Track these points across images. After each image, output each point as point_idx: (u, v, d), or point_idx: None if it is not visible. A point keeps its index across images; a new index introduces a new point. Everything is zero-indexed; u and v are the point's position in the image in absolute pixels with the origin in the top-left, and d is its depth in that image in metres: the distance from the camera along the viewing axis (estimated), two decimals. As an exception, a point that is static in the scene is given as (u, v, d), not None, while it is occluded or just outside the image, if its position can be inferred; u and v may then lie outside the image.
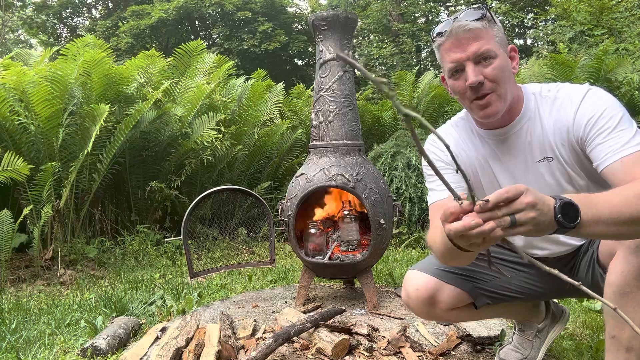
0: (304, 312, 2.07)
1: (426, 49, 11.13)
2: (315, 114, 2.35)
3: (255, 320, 2.09)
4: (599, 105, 1.20)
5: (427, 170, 1.39)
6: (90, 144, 3.35)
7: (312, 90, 5.64)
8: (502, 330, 1.89)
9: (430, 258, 1.49)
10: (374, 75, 0.63)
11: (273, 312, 2.26)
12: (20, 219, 3.13)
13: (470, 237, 0.91)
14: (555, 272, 0.81)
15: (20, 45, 15.29)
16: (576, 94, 1.23)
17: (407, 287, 1.45)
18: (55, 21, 15.98)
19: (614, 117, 1.17)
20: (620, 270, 1.11)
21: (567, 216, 0.94)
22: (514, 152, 1.31)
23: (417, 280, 1.43)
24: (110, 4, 16.40)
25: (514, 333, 1.71)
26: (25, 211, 3.13)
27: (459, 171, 0.82)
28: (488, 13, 1.22)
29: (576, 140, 1.22)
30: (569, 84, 1.29)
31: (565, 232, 0.96)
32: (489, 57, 1.19)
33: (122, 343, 1.92)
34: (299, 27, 14.63)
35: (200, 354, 1.65)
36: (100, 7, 16.85)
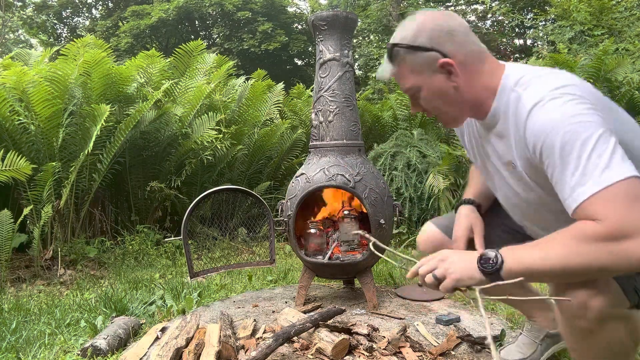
0: (304, 312, 2.07)
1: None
2: (315, 114, 2.35)
3: (255, 320, 2.09)
4: (540, 131, 1.03)
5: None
6: (91, 144, 3.35)
7: (312, 90, 5.64)
8: (502, 330, 1.89)
9: (451, 214, 1.56)
10: None
11: (273, 312, 2.26)
12: (20, 219, 3.14)
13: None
14: None
15: (21, 45, 15.28)
16: (528, 102, 1.08)
17: (418, 236, 1.61)
18: (55, 21, 15.98)
19: (555, 153, 1.01)
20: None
21: (486, 266, 1.06)
22: (490, 148, 1.26)
23: (427, 231, 1.58)
24: (110, 4, 16.40)
25: (521, 333, 1.71)
26: (26, 211, 3.13)
27: None
28: (393, 51, 1.19)
29: (531, 157, 1.10)
30: (543, 78, 1.11)
31: (494, 279, 1.05)
32: (414, 93, 1.22)
33: (122, 343, 1.92)
34: (299, 27, 14.62)
35: (200, 354, 1.65)
36: (100, 7, 16.85)
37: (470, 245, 1.41)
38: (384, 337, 1.80)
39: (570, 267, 0.97)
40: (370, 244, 1.41)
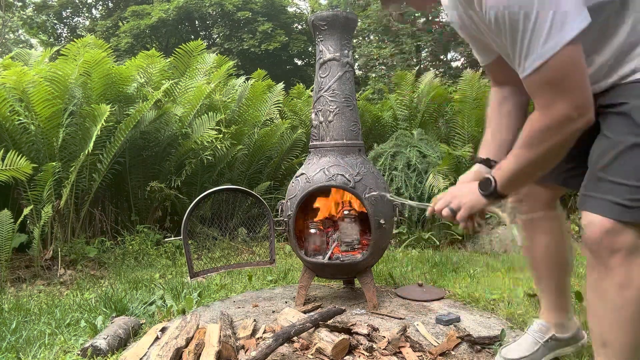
0: (304, 312, 2.07)
1: (426, 49, 11.14)
2: (315, 114, 2.35)
3: (255, 320, 2.09)
4: (491, 5, 1.09)
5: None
6: (91, 144, 3.35)
7: (312, 90, 5.64)
8: (502, 330, 1.89)
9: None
10: None
11: (273, 312, 2.26)
12: (20, 219, 3.14)
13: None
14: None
15: (21, 45, 15.29)
16: None
17: None
18: (55, 21, 15.98)
19: (508, 22, 1.07)
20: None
21: (484, 188, 1.26)
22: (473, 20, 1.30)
23: None
24: (110, 4, 16.40)
25: (525, 333, 1.71)
26: (26, 211, 3.13)
27: None
28: None
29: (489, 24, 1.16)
30: None
31: (494, 196, 1.26)
32: None
33: (122, 343, 1.92)
34: (299, 27, 14.62)
35: (200, 354, 1.65)
36: (100, 7, 16.85)
37: None
38: (384, 337, 1.80)
39: (536, 156, 1.16)
40: (388, 195, 1.61)
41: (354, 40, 11.44)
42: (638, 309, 1.17)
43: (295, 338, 1.77)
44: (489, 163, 1.43)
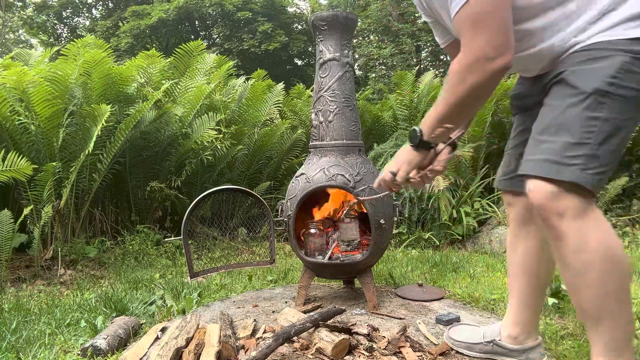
0: (304, 312, 2.07)
1: (426, 49, 11.14)
2: (315, 114, 2.35)
3: (255, 320, 2.10)
4: None
5: None
6: (92, 144, 3.35)
7: (312, 90, 5.64)
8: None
9: None
10: None
11: (273, 312, 2.26)
12: (20, 219, 3.14)
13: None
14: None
15: (21, 45, 15.29)
16: None
17: None
18: (55, 21, 15.98)
19: None
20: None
21: (412, 139, 1.34)
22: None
23: None
24: (110, 4, 16.40)
25: (485, 325, 1.77)
26: (26, 211, 3.13)
27: None
28: None
29: None
30: None
31: (423, 145, 1.33)
32: None
33: (122, 343, 1.92)
34: (299, 27, 14.62)
35: (200, 354, 1.65)
36: (100, 7, 16.85)
37: None
38: (384, 337, 1.80)
39: (457, 97, 1.20)
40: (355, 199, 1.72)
41: (354, 40, 11.44)
42: (600, 272, 1.15)
43: (295, 338, 1.77)
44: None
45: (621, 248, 1.18)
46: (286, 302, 2.42)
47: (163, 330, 1.96)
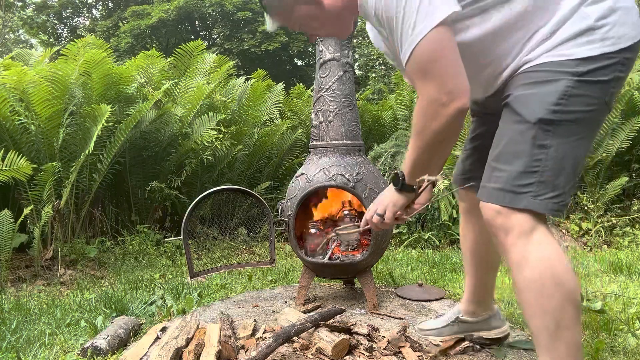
0: (304, 312, 2.07)
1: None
2: (315, 114, 2.35)
3: (255, 320, 2.10)
4: (376, 7, 1.18)
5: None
6: (92, 145, 3.35)
7: (312, 90, 5.65)
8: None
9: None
10: None
11: (273, 312, 2.26)
12: (20, 219, 3.14)
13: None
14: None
15: (21, 46, 15.30)
16: None
17: None
18: (55, 21, 15.98)
19: (386, 19, 1.17)
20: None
21: (395, 183, 1.36)
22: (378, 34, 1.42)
23: None
24: (110, 4, 16.40)
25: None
26: (26, 211, 3.13)
27: None
28: (265, 6, 1.35)
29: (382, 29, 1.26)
30: None
31: (406, 188, 1.35)
32: (302, 25, 1.37)
33: (122, 343, 1.92)
34: (299, 27, 14.59)
35: (200, 354, 1.65)
36: (100, 7, 16.85)
37: None
38: (384, 337, 1.80)
39: (425, 144, 1.22)
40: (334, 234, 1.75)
41: (354, 40, 11.43)
42: (539, 292, 1.15)
43: (295, 338, 1.77)
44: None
45: (566, 272, 1.16)
46: (286, 302, 2.42)
47: (163, 330, 1.96)
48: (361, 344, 1.74)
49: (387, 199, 1.39)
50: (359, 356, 1.69)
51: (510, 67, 1.24)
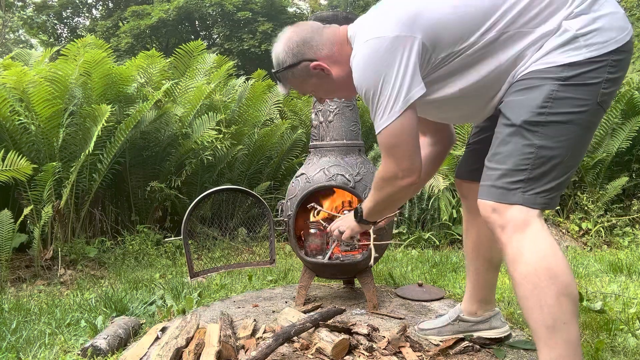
0: (304, 312, 2.07)
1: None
2: (315, 114, 2.35)
3: (255, 320, 2.10)
4: (357, 83, 1.34)
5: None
6: (92, 145, 3.35)
7: (312, 91, 5.63)
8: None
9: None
10: None
11: (273, 312, 2.26)
12: (20, 219, 3.14)
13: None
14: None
15: (21, 45, 15.31)
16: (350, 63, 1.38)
17: None
18: (55, 21, 15.98)
19: (365, 100, 1.33)
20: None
21: (355, 215, 1.68)
22: None
23: None
24: (110, 4, 16.40)
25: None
26: (26, 211, 3.13)
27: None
28: (278, 77, 1.50)
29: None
30: (358, 34, 1.37)
31: (364, 222, 1.67)
32: (312, 94, 1.60)
33: (122, 343, 1.92)
34: (299, 27, 14.58)
35: (200, 354, 1.65)
36: (100, 7, 16.85)
37: None
38: (384, 337, 1.80)
39: (380, 199, 1.51)
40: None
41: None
42: (535, 285, 1.19)
43: (295, 338, 1.77)
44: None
45: (561, 265, 1.19)
46: (286, 302, 2.42)
47: (163, 330, 1.96)
48: (361, 344, 1.74)
49: (348, 224, 1.71)
50: (359, 356, 1.69)
51: (504, 87, 1.33)
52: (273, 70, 1.51)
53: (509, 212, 1.23)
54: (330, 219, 2.46)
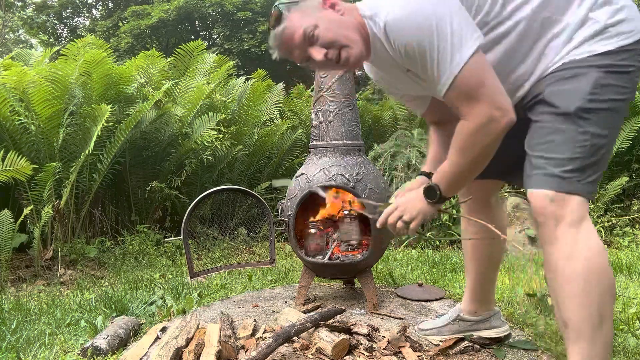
0: (304, 312, 2.07)
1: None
2: (315, 114, 2.35)
3: (255, 320, 2.09)
4: (402, 41, 1.22)
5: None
6: (92, 145, 3.35)
7: (312, 90, 5.64)
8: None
9: None
10: None
11: (273, 312, 2.26)
12: (20, 219, 3.14)
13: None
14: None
15: (21, 45, 15.30)
16: (382, 23, 1.25)
17: None
18: (55, 21, 15.97)
19: (418, 54, 1.22)
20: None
21: (431, 197, 1.36)
22: (387, 69, 1.45)
23: None
24: (110, 4, 16.40)
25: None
26: (26, 211, 3.13)
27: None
28: (280, 7, 1.32)
29: (406, 61, 1.28)
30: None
31: (441, 201, 1.37)
32: (310, 33, 1.29)
33: (122, 343, 1.92)
34: (299, 27, 14.60)
35: (200, 354, 1.65)
36: (100, 7, 16.84)
37: None
38: (384, 337, 1.80)
39: (470, 159, 1.28)
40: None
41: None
42: (587, 282, 1.18)
43: (295, 338, 1.77)
44: (429, 175, 1.54)
45: (607, 262, 1.21)
46: (286, 302, 2.42)
47: (163, 330, 1.96)
48: (361, 344, 1.74)
49: (417, 209, 1.38)
50: (359, 356, 1.69)
51: (532, 79, 1.31)
52: (277, 3, 1.34)
53: (570, 204, 1.20)
54: (329, 219, 2.47)
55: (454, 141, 1.29)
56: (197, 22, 14.57)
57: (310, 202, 2.41)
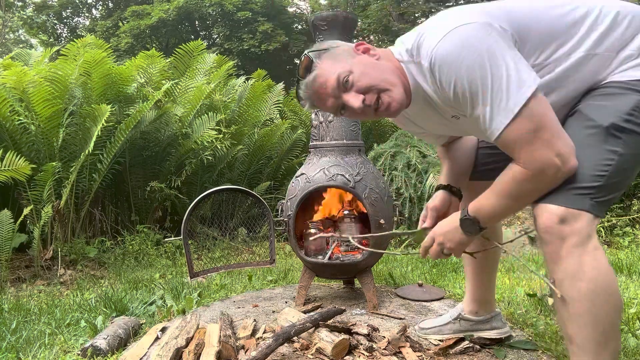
0: (304, 312, 2.07)
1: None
2: (315, 113, 2.35)
3: (255, 320, 2.09)
4: (450, 79, 1.15)
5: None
6: (92, 144, 3.35)
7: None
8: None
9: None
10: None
11: (273, 312, 2.26)
12: (20, 219, 3.14)
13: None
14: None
15: (21, 45, 15.30)
16: (427, 62, 1.18)
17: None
18: (55, 21, 15.97)
19: (468, 94, 1.14)
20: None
21: (469, 228, 1.30)
22: (432, 116, 1.36)
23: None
24: (110, 4, 16.40)
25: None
26: (26, 211, 3.13)
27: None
28: (311, 55, 1.27)
29: (455, 103, 1.21)
30: (425, 36, 1.20)
31: (478, 234, 1.31)
32: (346, 80, 1.22)
33: (122, 343, 1.92)
34: (299, 27, 14.61)
35: (200, 354, 1.65)
36: (100, 7, 16.84)
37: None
38: (384, 337, 1.80)
39: (521, 203, 1.22)
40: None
41: (354, 40, 11.41)
42: (592, 303, 1.14)
43: (295, 338, 1.77)
44: (450, 188, 1.56)
45: (615, 281, 1.17)
46: (286, 302, 2.42)
47: (163, 330, 1.96)
48: (361, 344, 1.74)
49: (455, 242, 1.34)
50: (359, 356, 1.69)
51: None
52: (306, 51, 1.28)
53: (578, 222, 1.14)
54: (329, 219, 2.47)
55: (503, 183, 1.20)
56: (197, 22, 14.57)
57: (310, 202, 2.41)
